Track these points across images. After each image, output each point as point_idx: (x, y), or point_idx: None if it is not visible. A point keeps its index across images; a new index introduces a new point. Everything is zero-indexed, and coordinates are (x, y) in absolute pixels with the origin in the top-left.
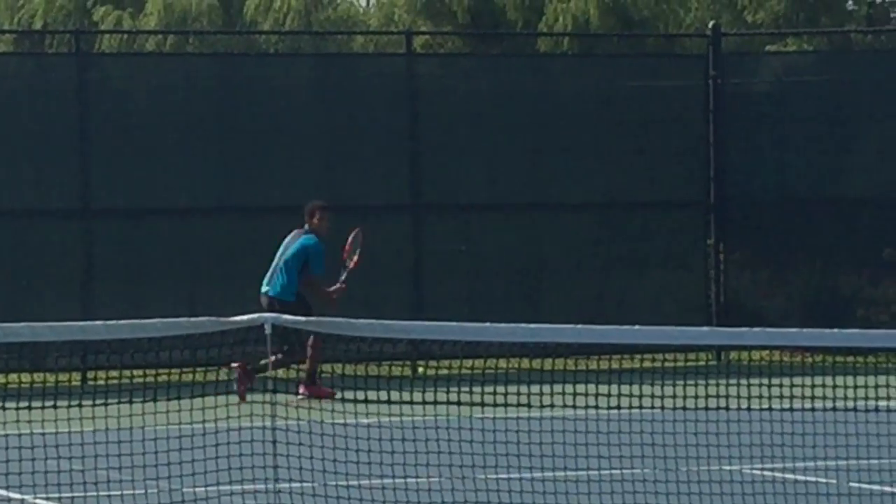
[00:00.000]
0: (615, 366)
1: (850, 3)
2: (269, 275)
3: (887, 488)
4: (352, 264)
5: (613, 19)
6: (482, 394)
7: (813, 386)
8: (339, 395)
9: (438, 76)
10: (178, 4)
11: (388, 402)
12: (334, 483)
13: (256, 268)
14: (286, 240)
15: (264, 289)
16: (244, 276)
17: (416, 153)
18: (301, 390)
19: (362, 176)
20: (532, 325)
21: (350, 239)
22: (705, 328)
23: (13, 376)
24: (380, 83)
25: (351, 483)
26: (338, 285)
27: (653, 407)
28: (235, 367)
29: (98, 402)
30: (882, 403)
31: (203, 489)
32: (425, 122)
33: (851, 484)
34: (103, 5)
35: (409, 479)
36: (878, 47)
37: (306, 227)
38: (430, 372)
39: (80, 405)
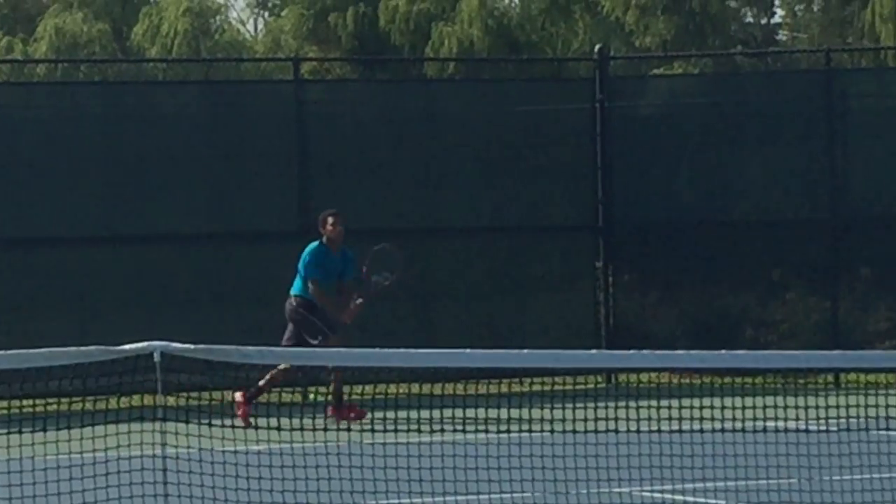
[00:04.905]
0: (504, 389)
1: (736, 26)
2: None
3: None
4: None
5: (500, 43)
6: (372, 419)
7: (702, 407)
8: (228, 423)
9: (326, 102)
10: (68, 30)
11: (279, 428)
12: None
13: (146, 296)
14: None
15: None
16: (134, 305)
17: (304, 179)
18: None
19: (251, 203)
20: (422, 350)
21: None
22: (594, 351)
23: None
24: (268, 109)
25: None
26: (353, 304)
27: (542, 430)
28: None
29: None
30: (770, 424)
31: None
32: (314, 148)
33: None
34: None
35: None
36: (763, 69)
37: None
38: (321, 398)
39: None
